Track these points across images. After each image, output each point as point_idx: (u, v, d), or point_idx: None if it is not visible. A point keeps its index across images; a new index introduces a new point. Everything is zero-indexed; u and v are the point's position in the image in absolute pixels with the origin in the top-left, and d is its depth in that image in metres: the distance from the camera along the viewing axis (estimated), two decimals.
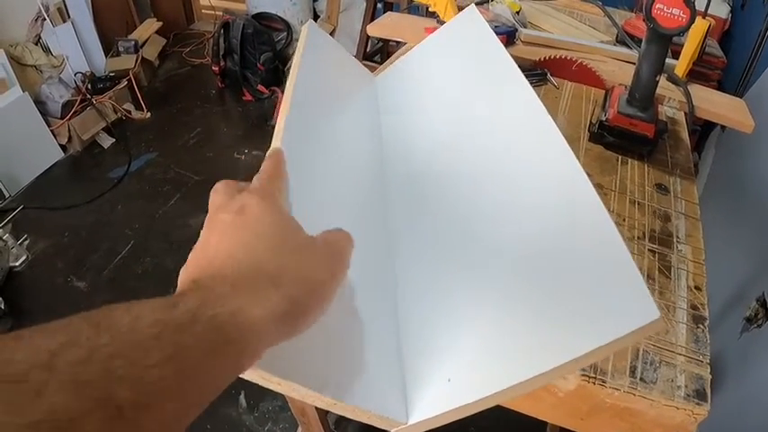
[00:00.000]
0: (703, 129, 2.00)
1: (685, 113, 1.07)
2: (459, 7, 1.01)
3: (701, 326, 0.65)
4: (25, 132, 2.44)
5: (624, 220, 0.79)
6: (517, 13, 1.28)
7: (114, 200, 2.44)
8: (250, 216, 0.35)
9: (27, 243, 2.16)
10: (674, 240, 0.77)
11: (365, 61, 2.76)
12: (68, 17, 2.78)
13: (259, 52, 3.05)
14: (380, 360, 0.43)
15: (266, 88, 3.11)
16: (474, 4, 0.80)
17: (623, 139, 0.91)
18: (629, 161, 0.92)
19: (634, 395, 0.57)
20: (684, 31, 0.80)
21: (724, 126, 1.49)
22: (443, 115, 0.66)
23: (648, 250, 0.75)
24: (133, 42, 3.08)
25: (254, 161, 2.69)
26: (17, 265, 2.07)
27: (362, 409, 0.38)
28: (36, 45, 2.61)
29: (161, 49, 3.39)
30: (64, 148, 2.64)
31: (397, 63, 0.84)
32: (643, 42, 0.86)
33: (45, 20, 2.63)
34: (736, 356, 1.25)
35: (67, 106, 2.59)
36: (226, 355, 0.27)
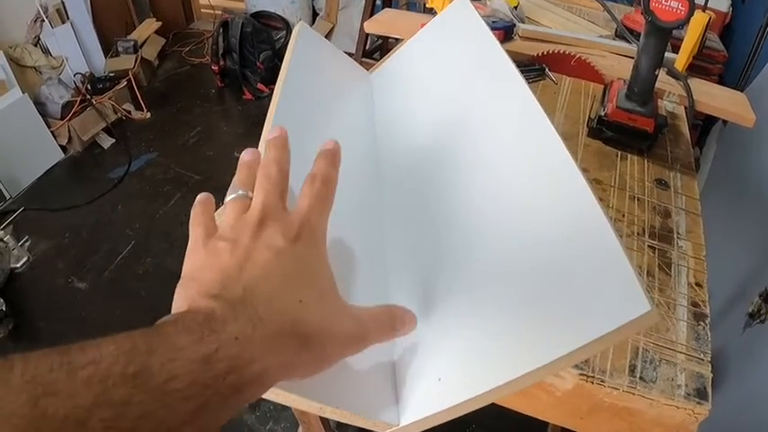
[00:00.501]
0: (705, 123, 1.98)
1: (685, 108, 1.06)
2: None
3: (701, 323, 0.64)
4: (25, 134, 2.44)
5: (624, 216, 0.78)
6: (515, 8, 1.27)
7: (115, 200, 2.43)
8: (303, 252, 0.34)
9: (28, 244, 2.16)
10: (675, 236, 0.76)
11: (364, 59, 2.75)
12: (67, 18, 2.77)
13: (258, 51, 3.05)
14: (371, 362, 0.42)
15: (266, 87, 3.11)
16: None
17: (622, 134, 0.90)
18: (628, 156, 0.91)
19: (633, 394, 0.56)
20: (683, 24, 0.79)
21: (726, 120, 1.48)
22: (433, 112, 0.65)
23: (648, 246, 0.74)
24: (132, 42, 3.08)
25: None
26: (18, 266, 2.07)
27: (353, 412, 0.38)
28: (35, 46, 2.60)
29: (160, 48, 3.38)
30: (64, 148, 2.64)
31: (391, 59, 0.83)
32: (642, 36, 0.85)
33: (44, 21, 2.62)
34: (739, 353, 1.23)
35: (67, 107, 2.59)
36: (235, 408, 0.29)
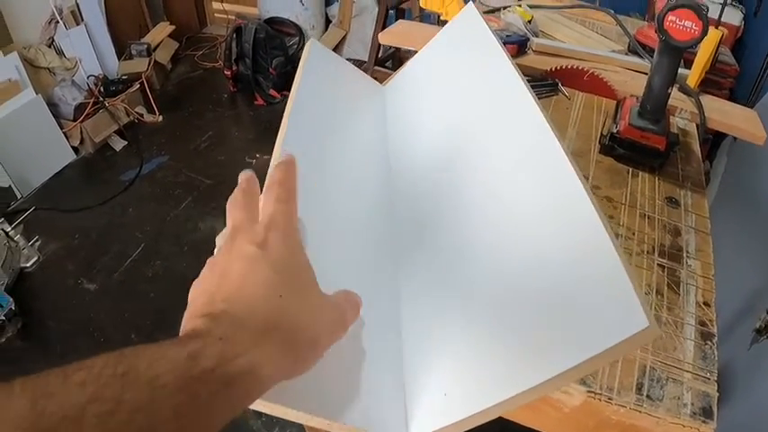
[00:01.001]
0: (715, 137, 1.98)
1: (697, 125, 1.06)
2: None
3: (708, 342, 0.64)
4: (38, 134, 2.47)
5: (634, 234, 0.79)
6: (529, 22, 1.28)
7: (125, 202, 2.45)
8: (274, 253, 0.36)
9: (38, 244, 2.18)
10: (684, 255, 0.76)
11: (377, 67, 2.76)
12: (82, 20, 2.80)
13: (271, 57, 3.08)
14: (380, 378, 0.43)
15: (278, 93, 3.14)
16: (475, 4, 0.79)
17: (634, 152, 0.91)
18: (639, 174, 0.91)
19: (640, 412, 0.57)
20: (697, 43, 0.80)
21: None
22: (441, 127, 0.66)
23: (658, 265, 0.74)
24: (146, 45, 3.11)
25: (265, 165, 2.64)
26: (28, 265, 2.09)
27: (359, 428, 0.38)
28: (49, 47, 2.64)
29: (173, 52, 3.41)
30: (76, 150, 2.67)
31: (403, 69, 0.83)
32: (655, 55, 0.86)
33: (58, 22, 2.65)
34: (746, 368, 1.23)
35: (80, 109, 2.61)
36: (229, 404, 0.29)
